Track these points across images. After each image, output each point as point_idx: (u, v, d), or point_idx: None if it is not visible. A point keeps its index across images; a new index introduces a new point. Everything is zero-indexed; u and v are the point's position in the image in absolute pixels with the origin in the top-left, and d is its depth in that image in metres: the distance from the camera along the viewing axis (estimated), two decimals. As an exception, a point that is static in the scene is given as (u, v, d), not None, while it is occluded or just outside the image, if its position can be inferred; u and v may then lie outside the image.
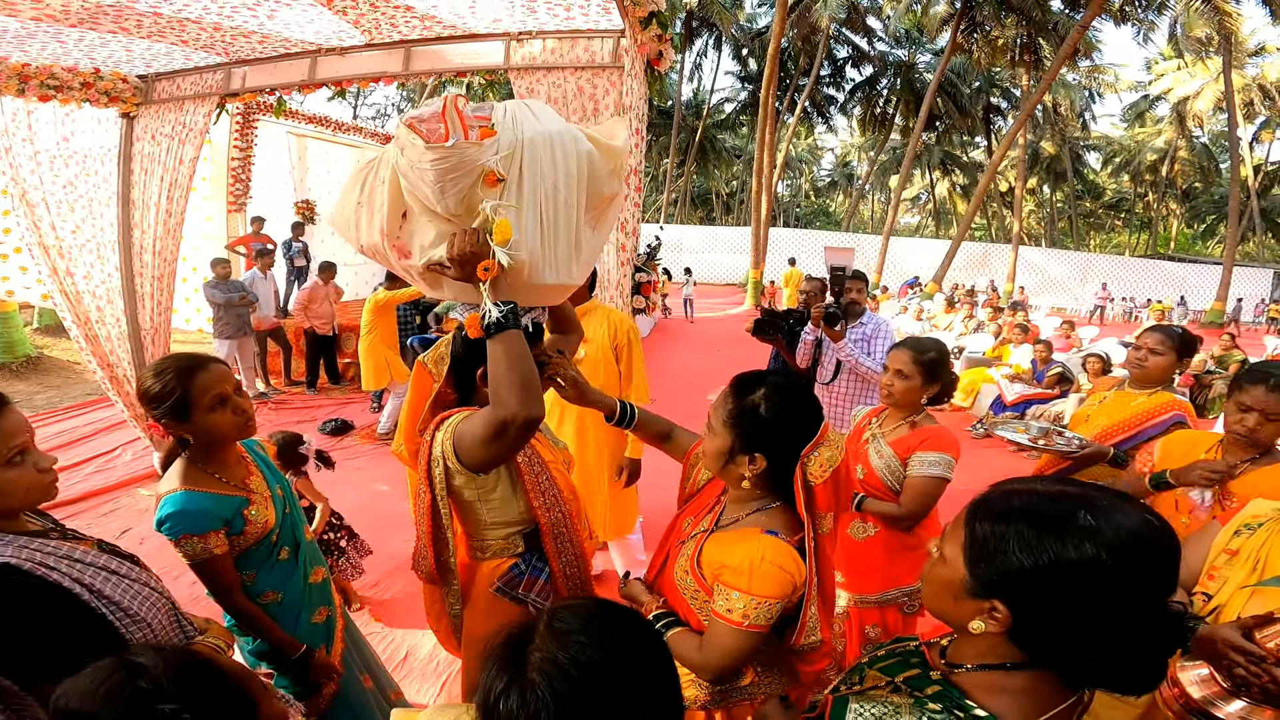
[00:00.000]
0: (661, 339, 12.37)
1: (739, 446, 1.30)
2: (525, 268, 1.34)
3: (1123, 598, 0.71)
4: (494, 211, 1.27)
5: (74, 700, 0.79)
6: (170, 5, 2.59)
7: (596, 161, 1.41)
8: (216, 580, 1.59)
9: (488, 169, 1.25)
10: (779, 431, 1.28)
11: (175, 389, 1.53)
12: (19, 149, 3.94)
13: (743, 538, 1.28)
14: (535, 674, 0.74)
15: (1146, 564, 0.71)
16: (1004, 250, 25.70)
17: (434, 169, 1.24)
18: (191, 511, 1.54)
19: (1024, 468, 2.88)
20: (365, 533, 3.40)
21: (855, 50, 29.84)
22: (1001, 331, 9.74)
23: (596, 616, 0.80)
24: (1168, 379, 2.52)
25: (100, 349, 4.33)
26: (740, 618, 1.22)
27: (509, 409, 1.27)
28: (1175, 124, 30.67)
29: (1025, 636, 0.77)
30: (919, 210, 46.18)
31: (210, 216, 8.61)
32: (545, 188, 1.34)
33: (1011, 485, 0.82)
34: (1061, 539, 0.72)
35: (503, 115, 1.32)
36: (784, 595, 1.24)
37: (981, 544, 0.77)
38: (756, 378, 1.34)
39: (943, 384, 2.18)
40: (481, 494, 1.49)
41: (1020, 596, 0.75)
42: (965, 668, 0.82)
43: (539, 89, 2.99)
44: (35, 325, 10.62)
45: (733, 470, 1.32)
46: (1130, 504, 0.74)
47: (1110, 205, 40.34)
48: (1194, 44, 22.72)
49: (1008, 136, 19.41)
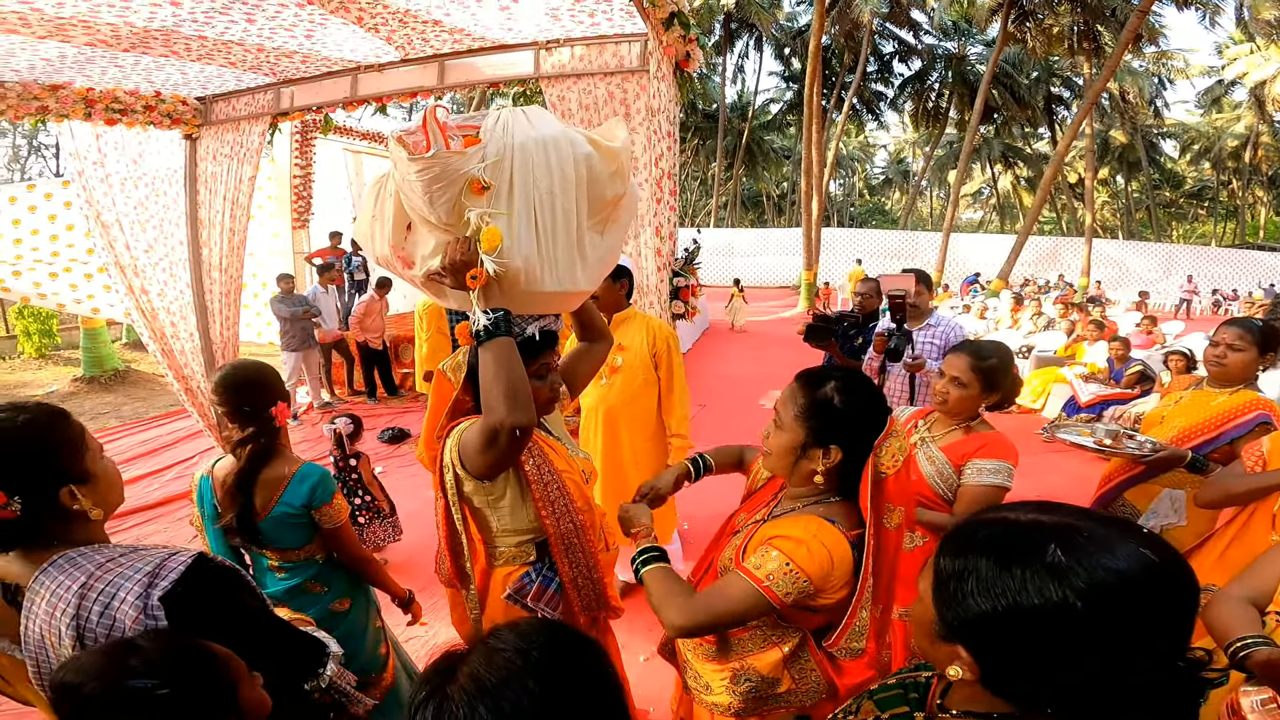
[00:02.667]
0: (711, 343, 12.26)
1: (812, 440, 1.29)
2: (521, 275, 1.33)
3: (1107, 648, 0.59)
4: (481, 219, 1.27)
5: (70, 675, 0.85)
6: (213, 28, 2.72)
7: (596, 164, 1.40)
8: (353, 538, 1.88)
9: (473, 177, 1.26)
10: (854, 422, 1.27)
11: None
12: (90, 172, 4.19)
13: (799, 518, 1.28)
14: (456, 690, 0.68)
15: (1137, 610, 0.59)
16: (1076, 244, 24.39)
17: (420, 179, 1.26)
18: (328, 475, 1.80)
19: (1096, 474, 2.69)
20: (419, 538, 3.51)
21: (901, 44, 28.98)
22: (1075, 328, 9.21)
23: (538, 638, 0.73)
24: (1250, 376, 2.31)
25: (176, 362, 4.56)
26: (764, 575, 1.20)
27: (497, 416, 1.28)
28: (1254, 109, 28.57)
29: (998, 685, 0.67)
30: (982, 205, 44.41)
31: (276, 233, 9.04)
32: (539, 193, 1.33)
33: (988, 513, 0.72)
34: (1021, 579, 0.61)
35: (493, 123, 1.32)
36: (817, 578, 1.21)
37: (944, 582, 0.68)
38: (823, 371, 1.33)
39: (1003, 392, 2.02)
40: (490, 501, 1.48)
41: (980, 642, 0.65)
42: (951, 713, 0.73)
43: (570, 96, 2.99)
44: (124, 340, 11.41)
45: (804, 465, 1.31)
46: (1124, 534, 0.63)
47: (1192, 194, 37.80)
48: (1264, 26, 21.13)
49: (1072, 127, 18.41)
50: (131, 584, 1.03)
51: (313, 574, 1.86)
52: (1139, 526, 0.66)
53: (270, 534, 1.78)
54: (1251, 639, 1.21)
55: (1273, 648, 1.17)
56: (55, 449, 1.10)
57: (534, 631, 0.74)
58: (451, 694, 0.68)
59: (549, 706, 0.68)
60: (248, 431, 1.74)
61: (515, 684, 0.68)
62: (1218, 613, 1.33)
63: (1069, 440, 2.42)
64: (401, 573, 3.51)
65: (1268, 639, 1.21)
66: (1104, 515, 0.68)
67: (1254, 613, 1.31)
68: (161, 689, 0.85)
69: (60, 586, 1.03)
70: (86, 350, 9.11)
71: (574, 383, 1.81)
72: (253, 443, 1.75)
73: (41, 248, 6.52)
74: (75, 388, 8.77)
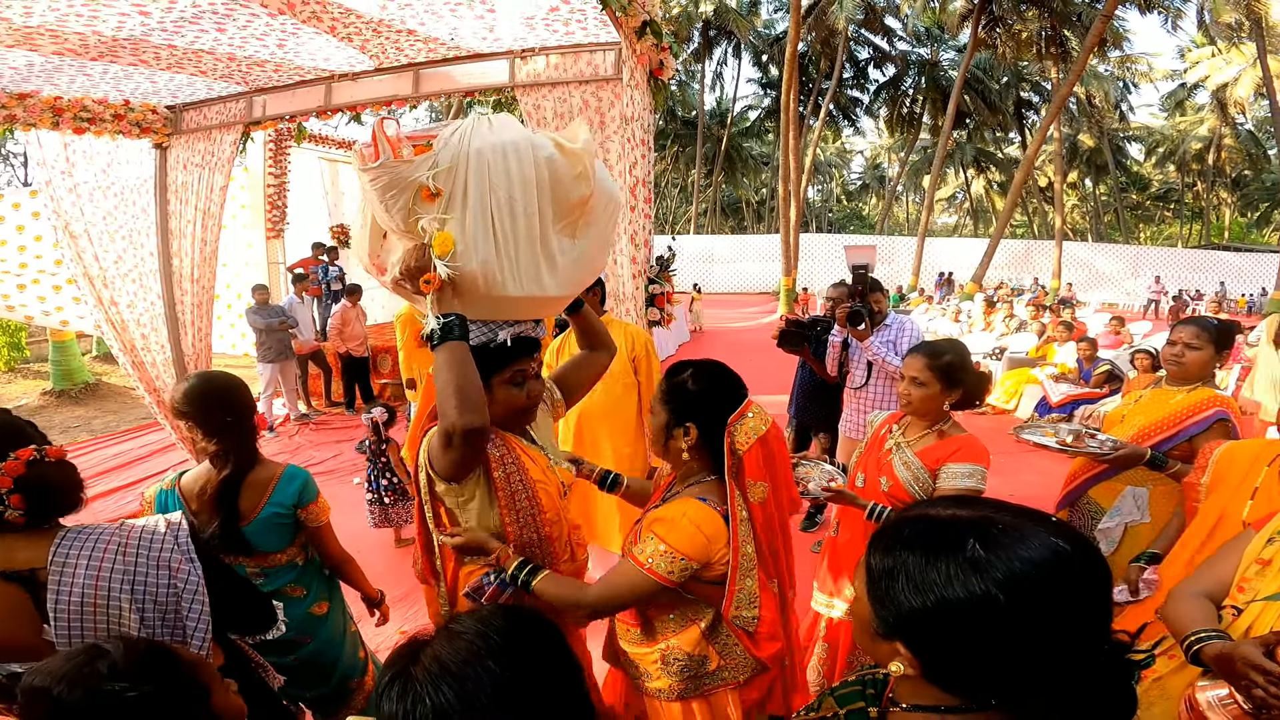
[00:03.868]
0: (691, 349, 12.31)
1: (674, 420, 1.47)
2: (479, 279, 1.34)
3: (1032, 635, 0.62)
4: (431, 224, 1.29)
5: (40, 679, 0.86)
6: (183, 38, 2.70)
7: (560, 166, 1.41)
8: (333, 538, 1.91)
9: (421, 184, 1.28)
10: (705, 401, 1.46)
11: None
12: (59, 181, 4.12)
13: (675, 501, 1.45)
14: (420, 671, 0.71)
15: (1053, 596, 0.62)
16: (1047, 246, 24.91)
17: (372, 188, 1.30)
18: (311, 477, 1.84)
19: (1063, 472, 2.75)
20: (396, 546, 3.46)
21: (876, 51, 29.52)
22: (1046, 330, 9.41)
23: (496, 622, 0.77)
24: (1207, 374, 2.38)
25: (147, 375, 4.49)
26: (645, 559, 1.35)
27: (448, 419, 1.30)
28: (1217, 111, 29.40)
29: (940, 678, 0.69)
30: (956, 210, 45.14)
31: (251, 244, 8.92)
32: (498, 198, 1.34)
33: (910, 511, 0.75)
34: (947, 574, 0.63)
35: (449, 132, 1.34)
36: (695, 555, 1.36)
37: (876, 580, 0.70)
38: (686, 362, 1.53)
39: (966, 388, 2.06)
40: (460, 503, 1.50)
41: (916, 638, 0.67)
42: (902, 707, 0.75)
43: (545, 104, 3.01)
44: (94, 353, 11.16)
45: (673, 446, 1.48)
46: (1038, 526, 0.66)
47: (1158, 197, 38.79)
48: (1224, 30, 21.76)
49: (1040, 130, 18.84)
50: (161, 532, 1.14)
51: (292, 578, 1.88)
52: (1050, 517, 0.69)
53: (255, 538, 1.79)
54: (1206, 632, 1.23)
55: (1226, 641, 1.19)
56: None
57: (494, 616, 0.78)
58: (416, 675, 0.71)
59: (509, 684, 0.71)
60: (228, 440, 1.75)
61: (476, 664, 0.71)
62: (1175, 608, 1.36)
63: (1033, 441, 2.47)
64: (386, 574, 3.49)
65: (1223, 633, 1.23)
66: (1019, 507, 0.71)
67: (1210, 607, 1.33)
68: (131, 692, 0.86)
69: (96, 548, 1.09)
70: (56, 363, 8.91)
71: (570, 390, 1.83)
72: (235, 451, 1.76)
73: (9, 258, 6.38)
74: (45, 401, 8.57)
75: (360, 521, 4.04)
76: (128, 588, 1.06)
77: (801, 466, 2.49)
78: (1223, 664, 1.15)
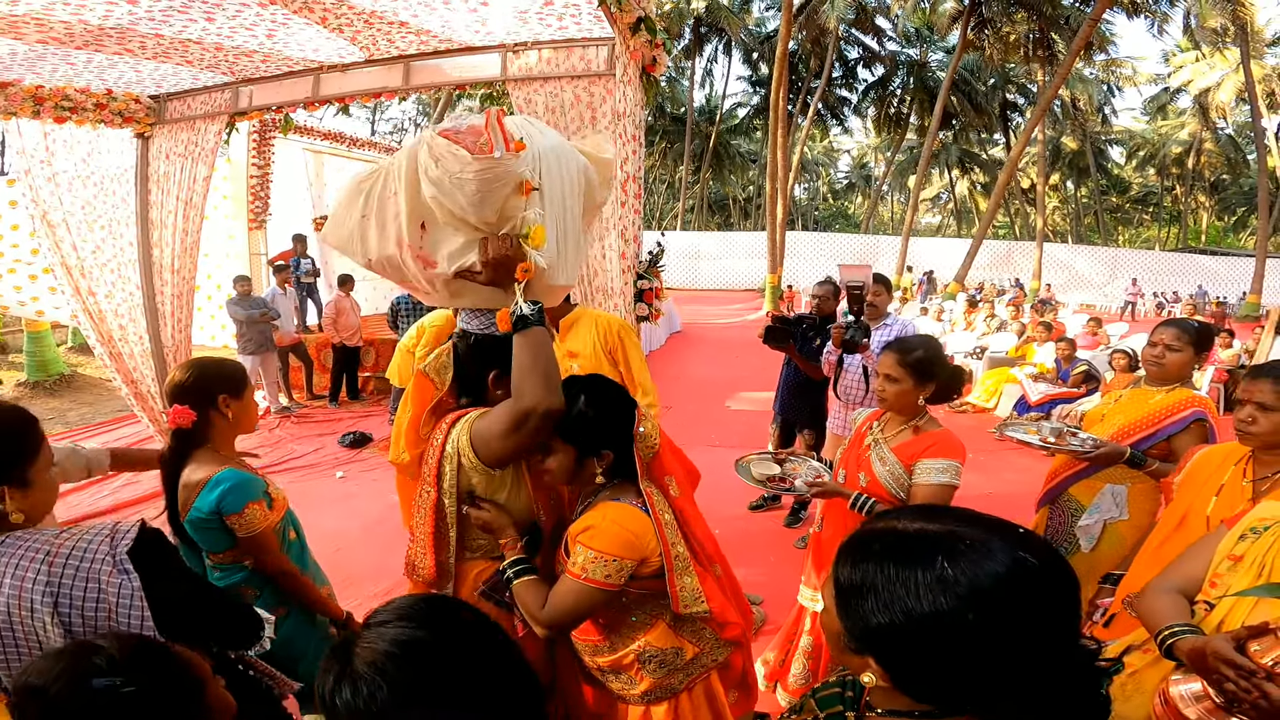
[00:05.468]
0: (677, 346, 12.34)
1: (584, 452, 1.44)
2: (546, 271, 1.44)
3: (999, 648, 0.63)
4: (533, 216, 1.37)
5: (33, 677, 0.85)
6: (170, 27, 2.65)
7: (592, 173, 1.53)
8: (270, 548, 1.78)
9: (525, 179, 1.34)
10: (609, 424, 1.45)
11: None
12: (37, 170, 4.04)
13: (593, 509, 1.45)
14: (360, 664, 0.72)
15: (1020, 611, 0.63)
16: (1028, 248, 25.25)
17: (477, 179, 1.31)
18: (246, 482, 1.73)
19: (1046, 470, 2.81)
20: (380, 542, 3.45)
21: (866, 51, 29.65)
22: (1025, 330, 9.54)
23: (413, 605, 0.79)
24: (1186, 375, 2.44)
25: (124, 366, 4.41)
26: (580, 570, 1.36)
27: (532, 399, 1.33)
28: (1198, 116, 29.96)
29: (911, 689, 0.70)
30: (940, 210, 45.60)
31: (232, 235, 8.79)
32: (558, 196, 1.44)
33: (877, 523, 0.75)
34: (915, 592, 0.64)
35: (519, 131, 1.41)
36: (627, 554, 1.37)
37: (845, 594, 0.71)
38: (571, 386, 1.46)
39: (939, 382, 2.09)
40: (489, 493, 1.50)
41: (885, 653, 0.68)
42: (877, 712, 0.77)
43: (536, 99, 2.99)
44: (69, 344, 10.95)
45: (585, 474, 1.47)
46: (1003, 539, 0.66)
47: (1137, 200, 39.46)
48: (1209, 35, 22.12)
49: (1024, 132, 19.07)
50: (97, 543, 1.07)
51: (241, 579, 1.83)
52: (1017, 528, 0.70)
53: (194, 534, 1.77)
54: (1179, 627, 1.26)
55: (1199, 636, 1.22)
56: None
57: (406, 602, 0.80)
58: (359, 670, 0.72)
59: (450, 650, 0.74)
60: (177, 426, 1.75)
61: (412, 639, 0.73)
62: (1149, 603, 1.39)
63: (1017, 438, 2.52)
64: (371, 573, 3.47)
65: (1196, 627, 1.26)
66: (986, 518, 0.71)
67: (1183, 602, 1.36)
68: (126, 687, 0.85)
69: (22, 559, 1.04)
70: (30, 354, 8.73)
71: None
72: (176, 438, 1.76)
73: (-17, 247, 6.24)
74: (19, 393, 8.40)
75: (342, 519, 3.99)
76: (49, 600, 1.00)
77: (788, 463, 2.52)
78: (1196, 659, 1.16)
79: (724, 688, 1.60)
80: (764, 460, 2.51)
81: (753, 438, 5.71)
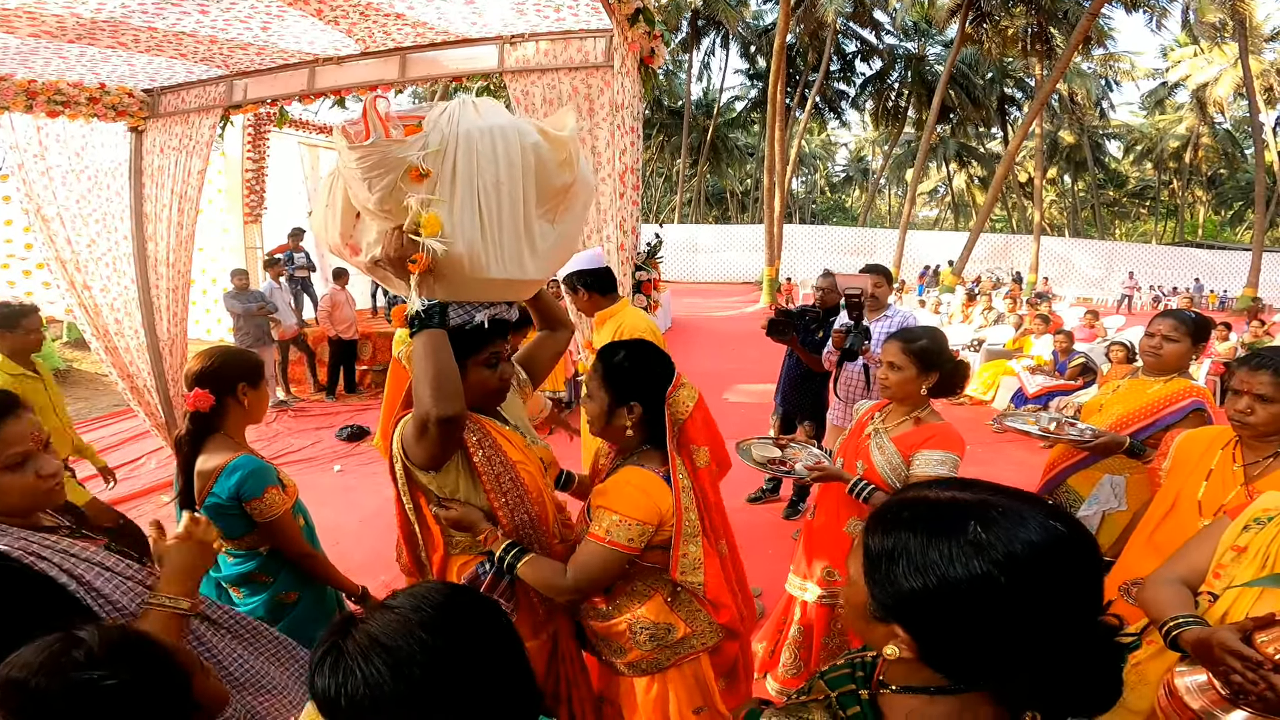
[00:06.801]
0: (677, 339, 12.33)
1: (616, 400, 1.51)
2: (465, 261, 1.34)
3: (1028, 616, 0.63)
4: (421, 205, 1.29)
5: (15, 670, 0.83)
6: (164, 20, 2.63)
7: (545, 152, 1.43)
8: (290, 532, 1.82)
9: (411, 164, 1.28)
10: (644, 378, 1.52)
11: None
12: (31, 165, 4.02)
13: (616, 475, 1.51)
14: (352, 646, 0.71)
15: (1049, 579, 0.63)
16: (1025, 241, 25.25)
17: (359, 166, 1.28)
18: (261, 469, 1.77)
19: (1042, 462, 2.81)
20: (377, 534, 3.43)
21: (864, 44, 29.52)
22: (1022, 323, 9.56)
23: (432, 598, 0.77)
24: (1184, 365, 2.44)
25: (120, 360, 4.41)
26: (604, 532, 1.40)
27: (424, 406, 1.30)
28: (1196, 110, 29.93)
29: (937, 660, 0.69)
30: (938, 203, 45.57)
31: (227, 228, 8.76)
32: (484, 181, 1.35)
33: (907, 493, 0.75)
34: (949, 556, 0.64)
35: (438, 114, 1.34)
36: (647, 518, 1.42)
37: (875, 562, 0.70)
38: (617, 344, 1.58)
39: (943, 373, 2.09)
40: (446, 492, 1.49)
41: (916, 619, 0.68)
42: (891, 689, 0.76)
43: (534, 91, 2.98)
44: (65, 339, 10.91)
45: (616, 425, 1.53)
46: (1034, 509, 0.67)
47: (1134, 194, 39.47)
48: (1208, 29, 22.07)
49: (1022, 126, 19.05)
50: None
51: (256, 565, 1.86)
52: (1044, 500, 0.70)
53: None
54: (1184, 618, 1.26)
55: (1204, 627, 1.21)
56: None
57: (428, 591, 0.78)
58: (347, 648, 0.71)
59: (442, 657, 0.71)
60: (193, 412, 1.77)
61: (408, 636, 0.71)
62: (1153, 594, 1.38)
63: (1017, 428, 2.52)
64: (368, 565, 3.47)
65: (1200, 618, 1.26)
66: (1014, 490, 0.72)
67: (1187, 593, 1.36)
68: (109, 680, 0.84)
69: None
70: (26, 349, 8.68)
71: (535, 371, 1.85)
72: (192, 424, 1.78)
73: (-23, 242, 6.21)
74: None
75: (340, 512, 3.99)
76: None
77: (789, 449, 2.53)
78: (1201, 650, 1.16)
79: (714, 674, 1.61)
80: (765, 444, 2.52)
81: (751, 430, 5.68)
